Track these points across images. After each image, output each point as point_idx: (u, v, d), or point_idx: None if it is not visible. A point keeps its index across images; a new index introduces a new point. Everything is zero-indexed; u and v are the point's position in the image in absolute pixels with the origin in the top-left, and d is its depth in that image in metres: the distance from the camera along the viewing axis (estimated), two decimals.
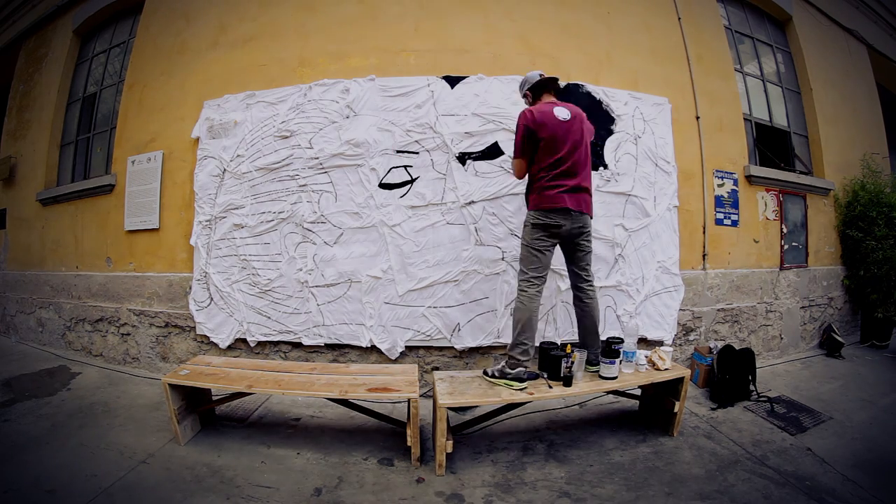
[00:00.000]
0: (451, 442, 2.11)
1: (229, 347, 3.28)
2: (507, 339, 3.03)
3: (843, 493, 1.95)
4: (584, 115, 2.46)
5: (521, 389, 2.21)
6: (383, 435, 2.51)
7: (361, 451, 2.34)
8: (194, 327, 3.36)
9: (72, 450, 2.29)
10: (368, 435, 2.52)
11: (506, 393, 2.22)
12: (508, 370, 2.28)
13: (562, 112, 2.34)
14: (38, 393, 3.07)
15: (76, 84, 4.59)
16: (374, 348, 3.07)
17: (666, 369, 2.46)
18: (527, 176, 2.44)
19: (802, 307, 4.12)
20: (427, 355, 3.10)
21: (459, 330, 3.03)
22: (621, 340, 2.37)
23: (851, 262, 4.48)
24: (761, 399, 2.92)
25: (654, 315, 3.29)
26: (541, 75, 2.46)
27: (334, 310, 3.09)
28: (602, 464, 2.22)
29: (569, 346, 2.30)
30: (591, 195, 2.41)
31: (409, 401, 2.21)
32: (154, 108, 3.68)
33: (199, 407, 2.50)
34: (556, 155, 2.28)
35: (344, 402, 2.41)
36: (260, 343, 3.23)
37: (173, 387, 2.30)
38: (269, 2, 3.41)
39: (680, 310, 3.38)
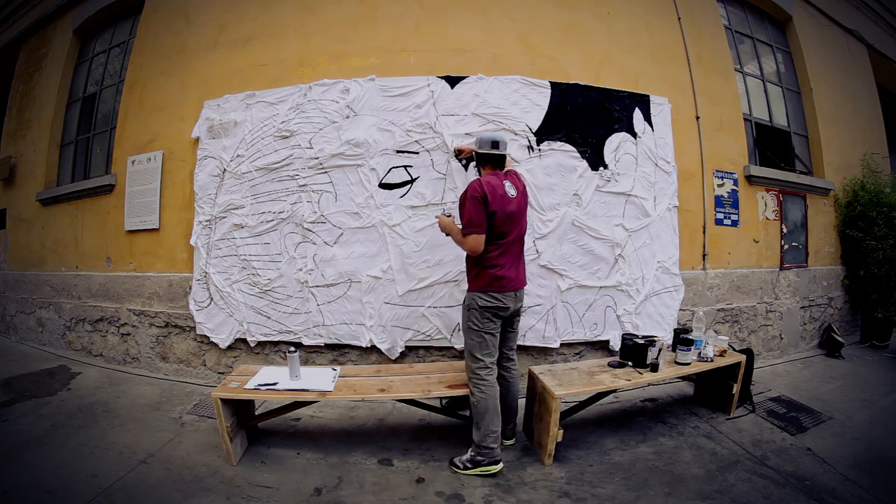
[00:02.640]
0: (561, 431, 2.19)
1: (229, 347, 3.28)
2: None
3: (843, 493, 1.95)
4: (524, 184, 2.38)
5: (498, 471, 2.11)
6: (383, 435, 2.52)
7: (361, 451, 2.34)
8: (194, 327, 3.36)
9: (72, 450, 2.29)
10: (368, 435, 2.52)
11: (608, 381, 2.34)
12: (481, 458, 2.11)
13: (511, 188, 2.21)
14: (38, 393, 3.08)
15: (76, 84, 4.59)
16: (374, 348, 3.07)
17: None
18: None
19: (802, 307, 4.12)
20: (427, 355, 3.10)
21: (459, 330, 3.02)
22: (691, 330, 2.69)
23: (851, 262, 4.48)
24: (761, 399, 2.91)
25: (654, 315, 3.29)
26: (493, 144, 2.23)
27: (334, 310, 3.09)
28: (602, 464, 2.22)
29: (655, 336, 2.49)
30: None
31: None
32: (154, 108, 3.68)
33: (247, 422, 2.40)
34: (507, 233, 2.16)
35: (411, 402, 2.41)
36: (260, 343, 3.23)
37: (225, 401, 2.14)
38: (269, 2, 3.41)
39: (680, 310, 3.38)
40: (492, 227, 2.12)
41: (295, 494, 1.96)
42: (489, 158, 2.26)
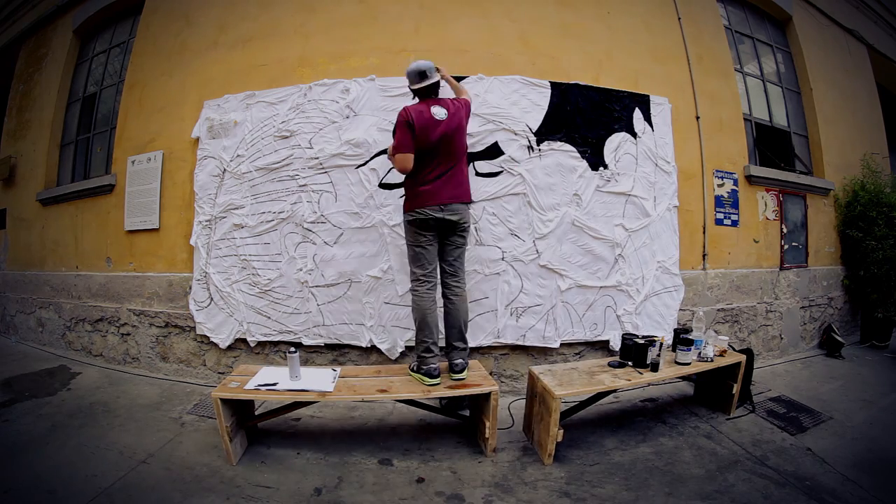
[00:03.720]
0: (562, 431, 2.18)
1: (229, 347, 3.28)
2: (508, 339, 3.05)
3: (843, 493, 1.95)
4: (462, 105, 2.44)
5: (432, 384, 2.27)
6: (383, 435, 2.52)
7: (361, 451, 2.34)
8: (194, 327, 3.35)
9: (72, 450, 2.29)
10: (368, 435, 2.52)
11: (608, 380, 2.33)
12: (417, 365, 2.37)
13: (439, 111, 2.33)
14: (38, 393, 3.08)
15: (76, 84, 4.59)
16: (374, 348, 3.07)
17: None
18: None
19: (802, 307, 4.12)
20: None
21: None
22: (691, 330, 2.69)
23: (851, 262, 4.48)
24: (761, 399, 2.91)
25: (654, 315, 3.30)
26: (419, 75, 2.38)
27: (334, 310, 3.09)
28: (602, 464, 2.22)
29: (655, 336, 2.47)
30: (466, 181, 2.46)
31: (490, 393, 2.22)
32: (154, 108, 3.68)
33: (247, 422, 2.39)
34: (437, 153, 2.31)
35: (411, 402, 2.43)
36: (260, 343, 3.23)
37: (225, 401, 2.13)
38: (269, 2, 3.41)
39: (680, 310, 3.38)
40: (420, 148, 2.28)
41: (295, 494, 1.96)
42: (420, 92, 2.42)
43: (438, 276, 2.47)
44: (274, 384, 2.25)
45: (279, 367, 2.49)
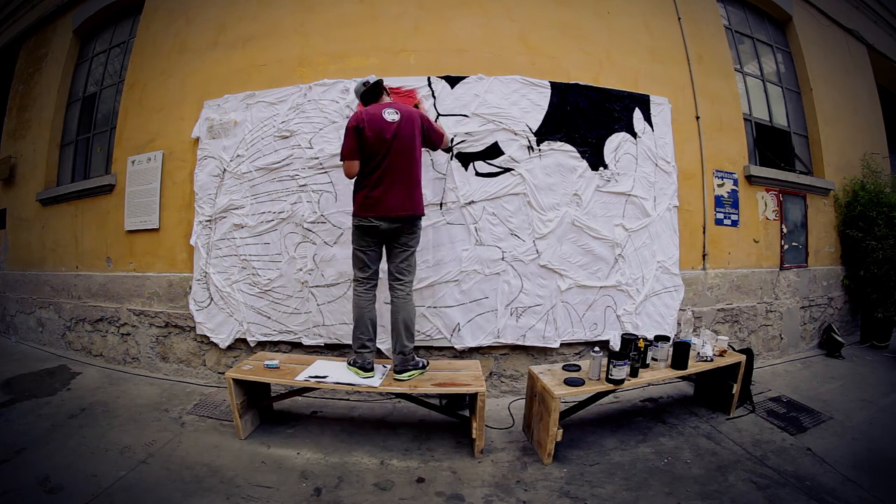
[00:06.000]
0: (561, 431, 2.20)
1: (229, 347, 3.28)
2: (508, 339, 3.05)
3: (843, 493, 1.95)
4: (416, 112, 2.50)
5: (367, 376, 2.40)
6: (383, 435, 2.52)
7: (361, 450, 2.34)
8: (194, 327, 3.35)
9: (72, 449, 2.29)
10: (368, 435, 2.52)
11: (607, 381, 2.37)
12: (352, 360, 2.48)
13: (392, 114, 2.37)
14: (38, 393, 3.08)
15: (76, 84, 4.59)
16: None
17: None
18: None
19: (802, 307, 4.12)
20: (427, 355, 3.08)
21: (459, 330, 3.03)
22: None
23: (851, 262, 4.48)
24: (761, 399, 2.91)
25: (654, 315, 3.30)
26: (365, 84, 2.50)
27: (334, 310, 3.09)
28: (602, 463, 2.22)
29: (640, 340, 2.47)
30: (418, 192, 2.48)
31: (477, 394, 2.25)
32: (154, 108, 3.68)
33: (258, 403, 2.65)
34: (382, 157, 2.33)
35: (406, 397, 2.53)
36: (260, 343, 3.23)
37: (237, 382, 2.39)
38: (268, 2, 3.41)
39: (680, 310, 3.38)
40: (367, 152, 2.33)
41: (295, 494, 1.96)
42: (368, 96, 2.50)
43: (380, 278, 2.56)
44: (324, 377, 2.41)
45: (330, 361, 2.69)
